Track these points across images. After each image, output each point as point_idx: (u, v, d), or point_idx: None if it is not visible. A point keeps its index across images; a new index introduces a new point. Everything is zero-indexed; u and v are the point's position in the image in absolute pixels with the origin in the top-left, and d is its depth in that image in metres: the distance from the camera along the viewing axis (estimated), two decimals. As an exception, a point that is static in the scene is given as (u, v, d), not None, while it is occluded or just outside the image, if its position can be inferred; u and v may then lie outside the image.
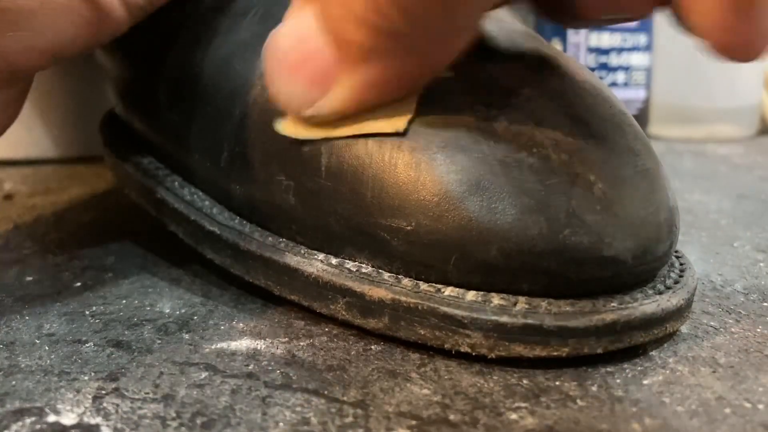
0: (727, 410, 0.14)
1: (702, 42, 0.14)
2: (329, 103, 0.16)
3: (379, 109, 0.16)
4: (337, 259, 0.17)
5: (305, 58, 0.15)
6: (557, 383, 0.15)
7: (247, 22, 0.20)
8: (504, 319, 0.15)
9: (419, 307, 0.15)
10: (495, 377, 0.15)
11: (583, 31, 0.46)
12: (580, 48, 0.47)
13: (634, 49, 0.47)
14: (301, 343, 0.17)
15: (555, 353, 0.15)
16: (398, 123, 0.16)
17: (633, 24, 0.46)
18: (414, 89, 0.16)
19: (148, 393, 0.15)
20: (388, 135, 0.16)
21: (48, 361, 0.16)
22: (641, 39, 0.47)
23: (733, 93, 0.48)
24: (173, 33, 0.22)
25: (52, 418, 0.14)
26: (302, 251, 0.18)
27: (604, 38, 0.46)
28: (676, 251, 0.18)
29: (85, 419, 0.14)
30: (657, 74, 0.49)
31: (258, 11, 0.20)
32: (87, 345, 0.17)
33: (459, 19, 0.14)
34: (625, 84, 0.47)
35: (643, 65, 0.47)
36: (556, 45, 0.47)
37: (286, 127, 0.17)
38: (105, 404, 0.14)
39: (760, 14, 0.13)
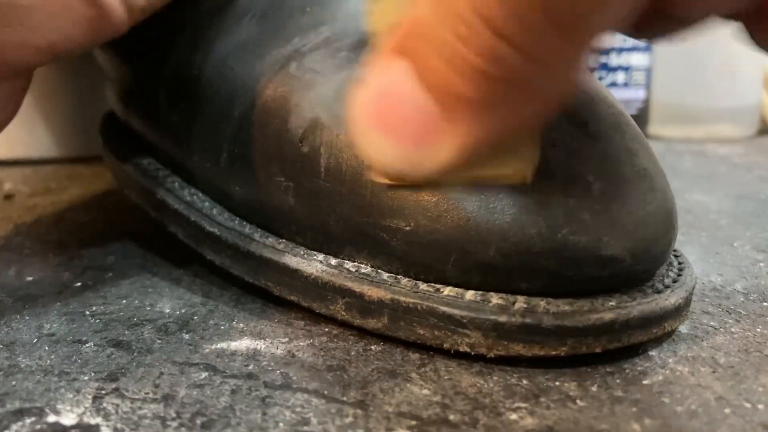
0: (727, 410, 0.14)
1: None
2: (433, 161, 0.14)
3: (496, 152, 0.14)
4: (337, 260, 0.17)
5: (402, 117, 0.13)
6: (557, 383, 0.15)
7: (246, 24, 0.20)
8: (502, 318, 0.15)
9: (418, 307, 0.16)
10: (495, 377, 0.15)
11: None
12: (580, 48, 0.47)
13: (634, 49, 0.47)
14: (301, 344, 0.17)
15: (553, 352, 0.15)
16: (524, 171, 0.15)
17: (633, 24, 0.46)
18: (532, 131, 0.15)
19: (148, 393, 0.15)
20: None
21: (48, 361, 0.16)
22: (641, 39, 0.47)
23: (733, 93, 0.48)
24: (173, 34, 0.22)
25: (52, 418, 0.14)
26: (302, 252, 0.18)
27: (604, 38, 0.46)
28: (675, 250, 0.18)
29: (85, 419, 0.14)
30: (657, 74, 0.49)
31: (256, 13, 0.20)
32: (87, 345, 0.17)
33: (594, 30, 0.12)
34: (625, 84, 0.47)
35: (643, 65, 0.47)
36: (556, 45, 0.47)
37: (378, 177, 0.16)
38: (105, 404, 0.14)
39: None
